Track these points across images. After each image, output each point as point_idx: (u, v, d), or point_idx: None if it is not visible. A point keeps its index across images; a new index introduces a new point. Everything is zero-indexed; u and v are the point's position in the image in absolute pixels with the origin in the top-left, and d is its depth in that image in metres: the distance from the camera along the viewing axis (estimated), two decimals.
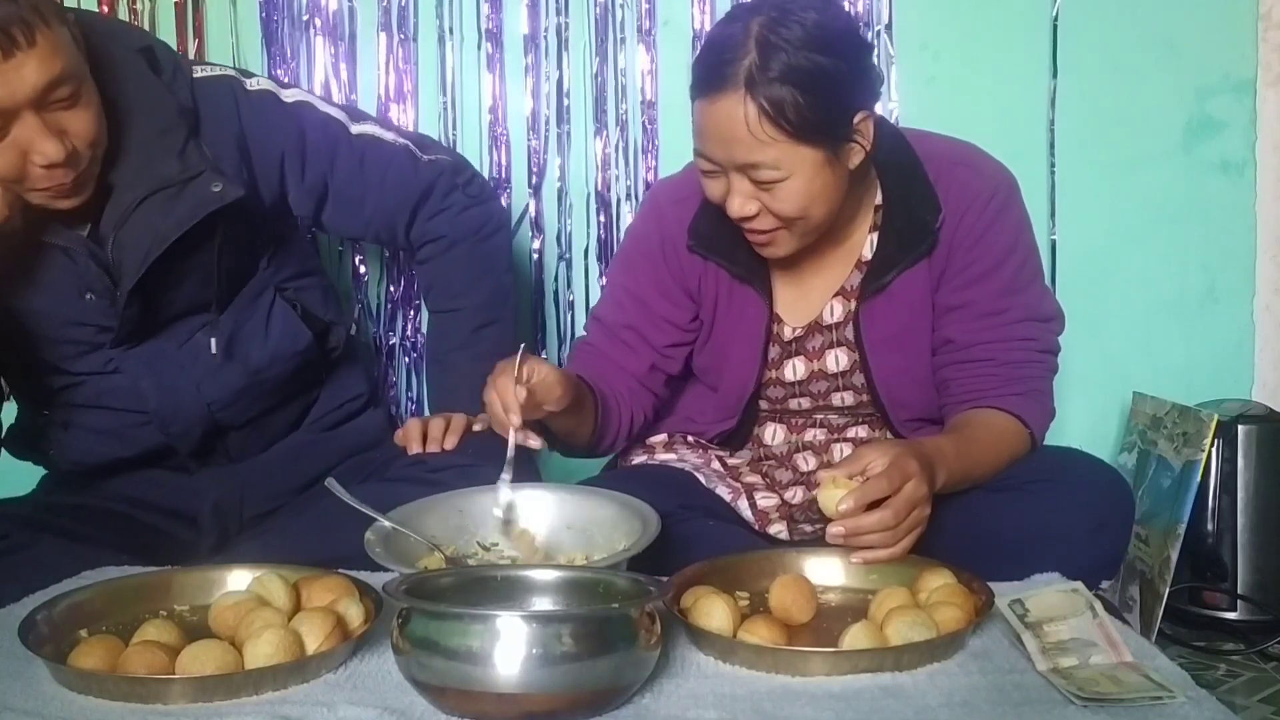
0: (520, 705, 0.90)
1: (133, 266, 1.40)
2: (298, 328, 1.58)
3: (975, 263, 1.42)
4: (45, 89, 1.25)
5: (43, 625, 1.07)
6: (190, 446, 1.54)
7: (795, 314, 1.51)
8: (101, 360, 1.49)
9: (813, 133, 1.28)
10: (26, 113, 1.25)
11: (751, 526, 1.49)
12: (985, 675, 1.00)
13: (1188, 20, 2.01)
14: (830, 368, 1.51)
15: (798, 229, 1.36)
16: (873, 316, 1.46)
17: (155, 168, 1.41)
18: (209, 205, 1.41)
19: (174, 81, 1.46)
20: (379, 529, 1.24)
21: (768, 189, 1.31)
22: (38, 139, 1.27)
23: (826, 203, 1.35)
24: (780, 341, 1.51)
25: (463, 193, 1.70)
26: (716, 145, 1.31)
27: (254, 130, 1.52)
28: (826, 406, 1.54)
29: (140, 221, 1.40)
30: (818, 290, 1.50)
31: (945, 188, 1.42)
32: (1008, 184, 1.45)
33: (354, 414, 1.68)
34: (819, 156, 1.30)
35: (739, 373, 1.52)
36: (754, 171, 1.30)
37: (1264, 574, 1.86)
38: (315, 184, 1.60)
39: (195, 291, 1.49)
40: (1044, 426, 1.44)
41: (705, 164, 1.35)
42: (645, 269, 1.53)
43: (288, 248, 1.62)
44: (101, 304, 1.44)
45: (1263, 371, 2.07)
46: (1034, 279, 1.46)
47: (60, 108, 1.28)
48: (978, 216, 1.41)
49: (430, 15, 1.99)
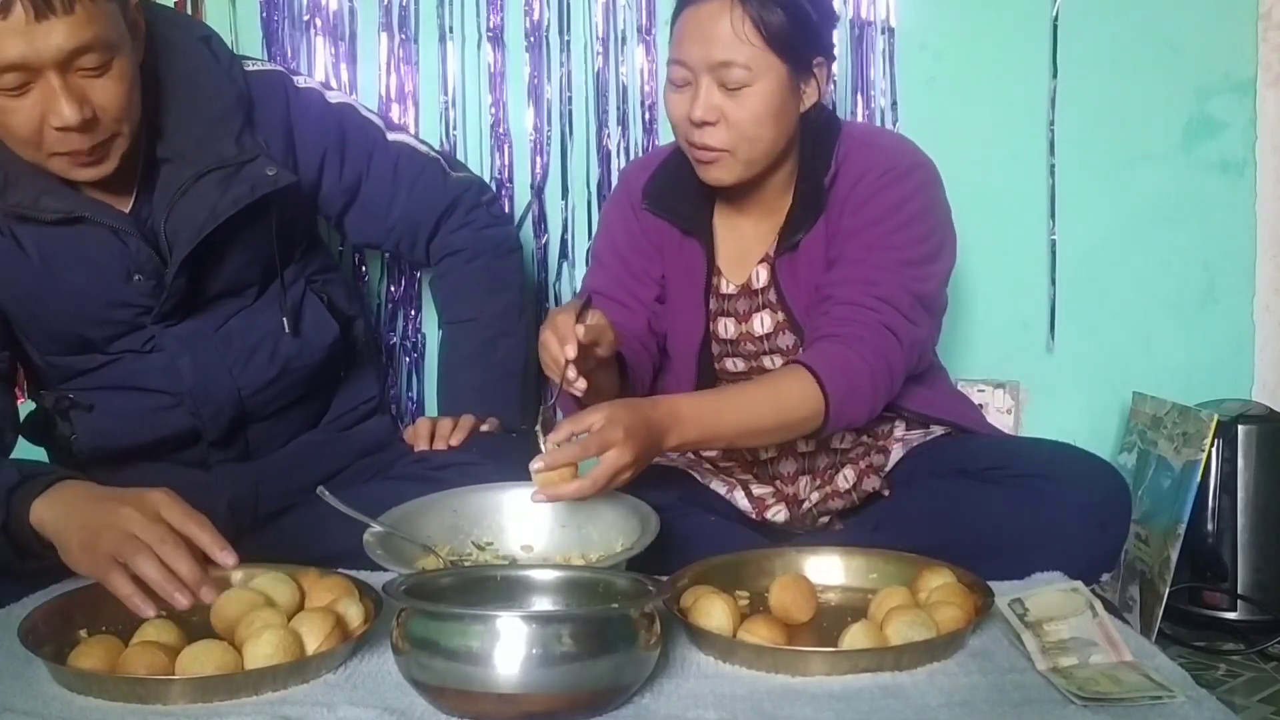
0: (520, 705, 0.90)
1: (187, 238, 1.44)
2: (326, 319, 1.62)
3: (855, 222, 1.47)
4: (71, 54, 1.27)
5: (43, 625, 1.07)
6: (217, 432, 1.56)
7: (732, 271, 1.58)
8: (140, 339, 1.51)
9: (786, 48, 1.39)
10: (50, 73, 1.27)
11: (749, 515, 1.50)
12: (985, 675, 1.00)
13: (1188, 20, 2.01)
14: (757, 330, 1.56)
15: (743, 152, 1.43)
16: (788, 276, 1.52)
17: (213, 147, 1.45)
18: (264, 187, 1.46)
19: (231, 70, 1.52)
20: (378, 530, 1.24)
21: (734, 94, 1.39)
22: (55, 100, 1.29)
23: (775, 128, 1.43)
24: (718, 295, 1.58)
25: (486, 210, 1.78)
26: (695, 45, 1.40)
27: (301, 124, 1.58)
28: (759, 369, 1.58)
29: (196, 196, 1.44)
30: (751, 254, 1.57)
31: (850, 158, 1.49)
32: (910, 164, 1.48)
33: (366, 416, 1.71)
34: (784, 74, 1.40)
35: (686, 324, 1.58)
36: (725, 71, 1.39)
37: (1264, 574, 1.86)
38: (350, 183, 1.65)
39: (238, 274, 1.54)
40: (847, 385, 1.36)
41: (678, 72, 1.43)
42: (620, 229, 1.62)
43: (314, 243, 1.68)
44: (148, 285, 1.47)
45: (1263, 371, 2.07)
46: (910, 246, 1.44)
47: (87, 75, 1.30)
48: (869, 182, 1.47)
49: (430, 15, 1.99)
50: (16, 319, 1.51)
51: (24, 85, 1.27)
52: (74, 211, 1.41)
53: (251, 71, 1.55)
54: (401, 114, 2.00)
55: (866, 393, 1.38)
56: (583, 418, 1.23)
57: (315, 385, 1.64)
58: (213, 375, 1.53)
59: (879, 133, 1.56)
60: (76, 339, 1.52)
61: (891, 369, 1.40)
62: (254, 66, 1.57)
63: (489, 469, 1.44)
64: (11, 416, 1.49)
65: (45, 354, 1.55)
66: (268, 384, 1.56)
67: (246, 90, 1.52)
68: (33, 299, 1.48)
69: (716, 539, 1.36)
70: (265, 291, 1.57)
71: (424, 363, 2.06)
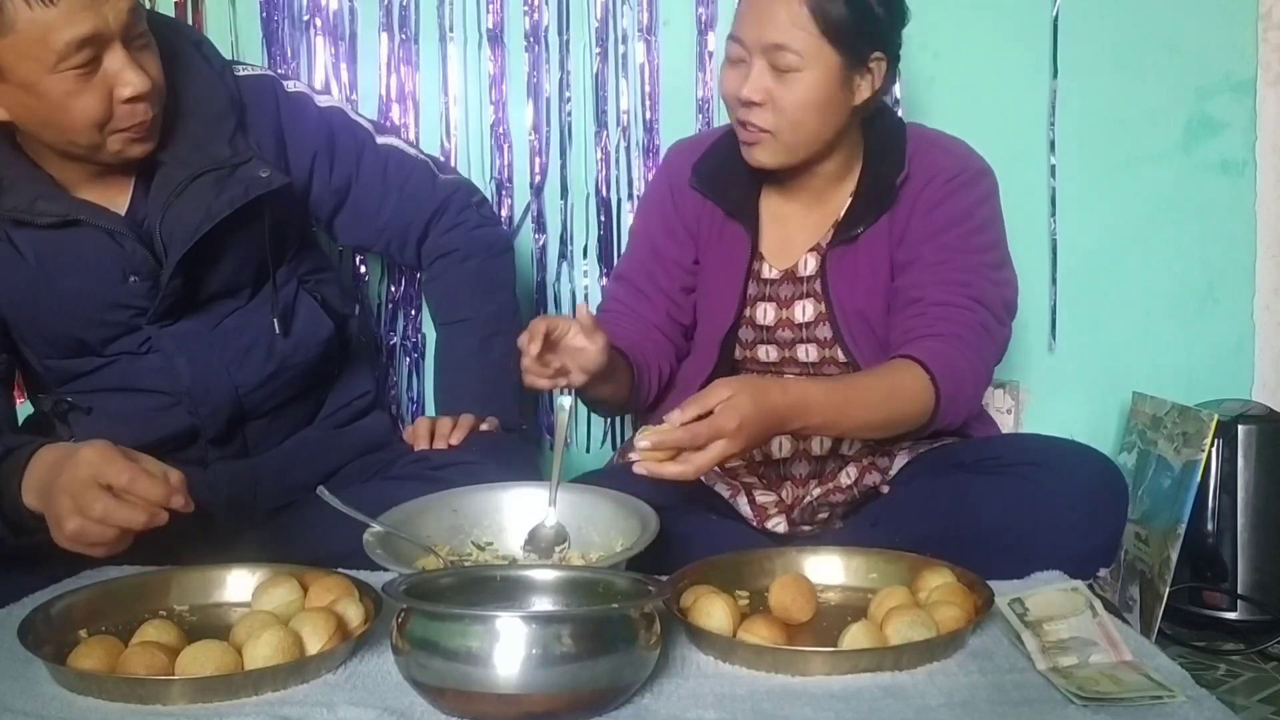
0: (520, 705, 0.90)
1: (183, 239, 1.45)
2: (320, 318, 1.62)
3: (931, 223, 1.49)
4: (131, 22, 1.32)
5: (42, 625, 1.07)
6: (215, 430, 1.56)
7: (776, 257, 1.58)
8: (136, 341, 1.52)
9: (840, 38, 1.40)
10: (116, 44, 1.31)
11: (750, 523, 1.50)
12: (985, 674, 1.00)
13: (1188, 20, 2.01)
14: (797, 317, 1.56)
15: (786, 136, 1.44)
16: (839, 267, 1.53)
17: (207, 149, 1.47)
18: (258, 188, 1.47)
19: (223, 74, 1.53)
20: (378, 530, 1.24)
21: (783, 78, 1.41)
22: (125, 70, 1.33)
23: (820, 117, 1.44)
24: (759, 279, 1.58)
25: (477, 211, 1.79)
26: (751, 24, 1.42)
27: (291, 127, 1.59)
28: (792, 359, 1.58)
29: (191, 198, 1.45)
30: (798, 242, 1.57)
31: (918, 159, 1.51)
32: (978, 170, 1.53)
33: (362, 412, 1.71)
34: (835, 64, 1.41)
35: (721, 306, 1.58)
36: (777, 54, 1.40)
37: (1264, 574, 1.86)
38: (340, 186, 1.66)
39: (232, 275, 1.54)
40: (955, 377, 1.39)
41: (734, 49, 1.45)
42: (655, 213, 1.65)
43: (307, 243, 1.69)
44: (143, 286, 1.48)
45: (1263, 371, 2.07)
46: (987, 249, 1.49)
47: (140, 45, 1.35)
48: (941, 185, 1.49)
49: (430, 15, 1.99)
50: (14, 323, 1.52)
51: (93, 63, 1.31)
52: (69, 215, 1.42)
53: (242, 76, 1.56)
54: (401, 114, 2.00)
55: (970, 391, 1.44)
56: (708, 396, 1.24)
57: (311, 382, 1.64)
58: (210, 374, 1.53)
59: (944, 135, 1.57)
60: (73, 342, 1.52)
61: (988, 368, 1.46)
62: (244, 71, 1.58)
63: (489, 468, 1.45)
64: (10, 420, 1.50)
65: (43, 358, 1.55)
66: (264, 381, 1.57)
67: (238, 94, 1.53)
68: (30, 302, 1.48)
69: (716, 539, 1.36)
70: (259, 292, 1.58)
71: (424, 362, 2.06)
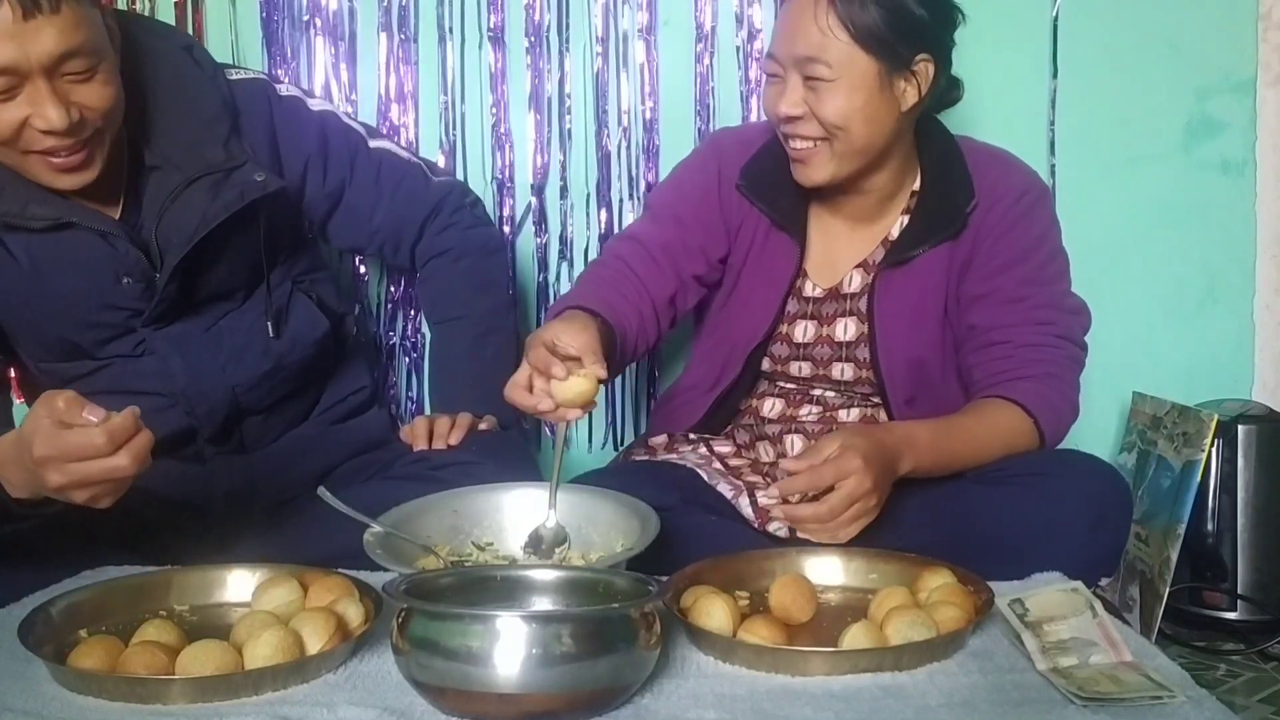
0: (520, 705, 0.90)
1: (180, 243, 1.45)
2: (316, 316, 1.63)
3: (1002, 252, 1.48)
4: (59, 58, 1.27)
5: (42, 625, 1.07)
6: (212, 429, 1.56)
7: (821, 274, 1.57)
8: (131, 343, 1.52)
9: (874, 44, 1.37)
10: (38, 78, 1.27)
11: (751, 524, 1.49)
12: (985, 675, 1.00)
13: (1188, 20, 2.01)
14: (838, 335, 1.56)
15: (837, 147, 1.42)
16: (889, 288, 1.51)
17: (202, 154, 1.47)
18: (253, 192, 1.48)
19: (215, 78, 1.53)
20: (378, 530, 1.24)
21: (818, 90, 1.39)
22: (43, 105, 1.29)
23: (869, 125, 1.41)
24: (800, 297, 1.57)
25: (470, 212, 1.79)
26: (784, 40, 1.41)
27: (284, 131, 1.59)
28: (825, 378, 1.57)
29: (187, 202, 1.45)
30: (844, 259, 1.56)
31: (979, 180, 1.49)
32: (1040, 187, 1.55)
33: (359, 407, 1.71)
34: (873, 71, 1.39)
35: (755, 319, 1.57)
36: (810, 67, 1.38)
37: (1264, 574, 1.86)
38: (333, 189, 1.66)
39: (227, 277, 1.54)
40: (1055, 416, 1.45)
41: (770, 65, 1.45)
42: (695, 196, 1.58)
43: (302, 244, 1.69)
44: (137, 287, 1.47)
45: (1263, 371, 2.07)
46: (1059, 277, 1.52)
47: (74, 80, 1.31)
48: (1008, 209, 1.48)
49: (430, 15, 1.99)
50: (8, 327, 1.52)
51: (11, 90, 1.27)
52: (62, 218, 1.42)
53: (235, 79, 1.56)
54: (401, 114, 2.00)
55: (1068, 424, 1.47)
56: (820, 448, 1.26)
57: (308, 379, 1.65)
58: (206, 374, 1.53)
59: (995, 150, 1.56)
60: (67, 345, 1.52)
61: (1078, 397, 1.49)
62: (236, 75, 1.58)
63: (489, 468, 1.45)
64: (7, 422, 1.51)
65: (38, 361, 1.55)
66: (260, 379, 1.57)
67: (230, 97, 1.53)
68: (23, 306, 1.48)
69: (716, 539, 1.36)
70: (253, 294, 1.58)
71: (423, 362, 2.05)
